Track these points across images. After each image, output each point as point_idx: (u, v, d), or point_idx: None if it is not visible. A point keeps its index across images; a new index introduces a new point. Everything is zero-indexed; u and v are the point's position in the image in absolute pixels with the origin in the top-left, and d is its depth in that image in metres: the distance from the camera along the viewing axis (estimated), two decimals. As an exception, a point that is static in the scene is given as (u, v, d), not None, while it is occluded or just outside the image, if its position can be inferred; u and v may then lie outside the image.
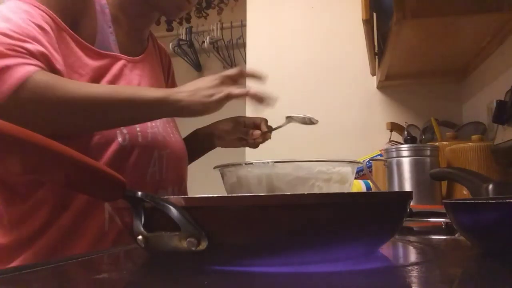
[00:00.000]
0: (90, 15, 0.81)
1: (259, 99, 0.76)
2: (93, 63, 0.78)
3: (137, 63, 0.88)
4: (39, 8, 0.72)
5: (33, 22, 0.70)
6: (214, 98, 0.72)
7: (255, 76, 0.82)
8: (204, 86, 0.74)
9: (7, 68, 0.64)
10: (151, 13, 0.91)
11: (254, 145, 0.94)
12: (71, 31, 0.77)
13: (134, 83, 0.85)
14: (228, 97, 0.73)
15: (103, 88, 0.74)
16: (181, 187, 0.91)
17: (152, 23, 0.96)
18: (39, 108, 0.67)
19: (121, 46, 0.85)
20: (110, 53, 0.82)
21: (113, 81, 0.81)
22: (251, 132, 0.91)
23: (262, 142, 0.94)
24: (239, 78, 0.80)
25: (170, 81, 1.07)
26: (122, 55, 0.84)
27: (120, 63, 0.83)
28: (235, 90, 0.73)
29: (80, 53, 0.77)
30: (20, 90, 0.64)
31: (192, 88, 0.74)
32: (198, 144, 1.03)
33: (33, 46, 0.68)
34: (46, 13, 0.73)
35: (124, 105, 0.72)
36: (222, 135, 0.99)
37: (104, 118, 0.73)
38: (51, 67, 0.70)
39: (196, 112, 0.73)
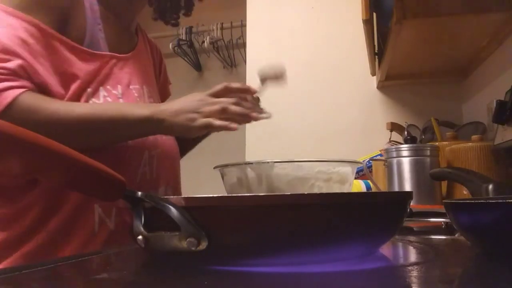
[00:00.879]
0: (79, 12, 0.80)
1: (245, 121, 0.78)
2: (85, 66, 0.78)
3: (127, 60, 0.87)
4: (22, 19, 0.71)
5: (15, 36, 0.70)
6: (195, 124, 0.73)
7: (244, 92, 0.79)
8: (189, 108, 0.74)
9: None
10: (135, 3, 0.91)
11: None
12: (60, 36, 0.76)
13: (123, 82, 0.84)
14: (208, 127, 0.73)
15: (86, 108, 0.74)
16: (173, 186, 0.91)
17: (137, 15, 0.94)
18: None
19: (110, 43, 0.84)
20: (101, 52, 0.81)
21: (104, 81, 0.80)
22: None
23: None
24: (225, 95, 0.78)
25: (162, 77, 1.06)
26: (111, 53, 0.84)
27: (110, 62, 0.83)
28: (216, 121, 0.73)
29: (72, 58, 0.76)
30: (4, 116, 0.65)
31: (177, 107, 0.74)
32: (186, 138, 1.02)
33: (14, 63, 0.68)
34: (30, 23, 0.72)
35: (108, 125, 0.72)
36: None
37: (87, 138, 0.73)
38: (32, 80, 0.70)
39: (177, 133, 0.75)
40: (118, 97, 0.82)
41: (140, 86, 0.88)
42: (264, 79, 0.86)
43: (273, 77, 0.86)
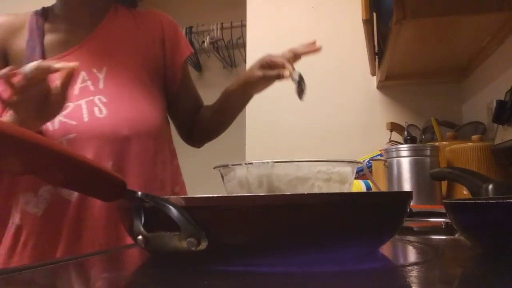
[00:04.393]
0: (19, 40, 0.90)
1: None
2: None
3: (63, 58, 0.89)
4: None
5: None
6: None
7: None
8: None
9: None
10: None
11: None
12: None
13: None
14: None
15: None
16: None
17: (92, 11, 0.96)
18: None
19: (51, 50, 0.90)
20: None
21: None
22: (281, 74, 0.93)
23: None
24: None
25: (168, 45, 1.02)
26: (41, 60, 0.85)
27: None
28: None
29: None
30: None
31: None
32: (235, 99, 1.02)
33: None
34: None
35: None
36: (255, 84, 0.99)
37: None
38: None
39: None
40: None
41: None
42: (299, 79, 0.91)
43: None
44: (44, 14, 0.94)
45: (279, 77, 0.94)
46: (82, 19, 0.95)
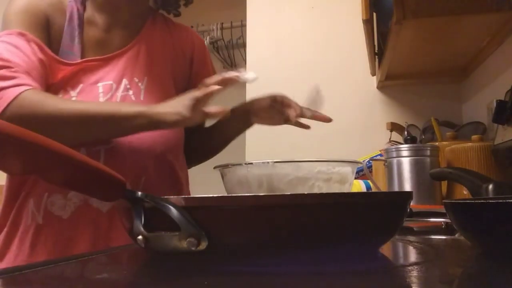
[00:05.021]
0: (59, 21, 0.86)
1: (229, 83, 0.77)
2: (57, 75, 0.83)
3: (105, 61, 0.88)
4: (32, 41, 0.80)
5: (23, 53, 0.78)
6: (185, 107, 0.75)
7: (227, 82, 0.78)
8: (179, 100, 0.77)
9: (2, 89, 0.72)
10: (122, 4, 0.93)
11: (290, 123, 0.96)
12: (54, 55, 0.83)
13: (88, 81, 0.85)
14: (195, 101, 0.74)
15: (80, 105, 0.79)
16: (134, 183, 0.86)
17: (136, 10, 0.95)
18: (24, 124, 0.71)
19: (89, 46, 0.88)
20: (69, 62, 0.84)
21: (65, 83, 0.83)
22: (287, 113, 0.92)
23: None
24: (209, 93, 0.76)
25: (195, 66, 1.03)
26: (81, 60, 0.85)
27: (75, 68, 0.85)
28: (196, 93, 0.75)
29: (56, 69, 0.83)
30: (8, 109, 0.71)
31: (169, 103, 0.78)
32: (234, 122, 1.01)
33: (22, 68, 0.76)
34: (36, 43, 0.80)
35: (100, 120, 0.76)
36: (259, 112, 0.98)
37: (79, 131, 0.77)
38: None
39: (173, 121, 0.75)
40: (73, 96, 0.83)
41: (115, 81, 0.87)
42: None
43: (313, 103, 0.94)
44: (83, 3, 0.91)
45: (285, 115, 0.94)
46: (122, 19, 0.93)
